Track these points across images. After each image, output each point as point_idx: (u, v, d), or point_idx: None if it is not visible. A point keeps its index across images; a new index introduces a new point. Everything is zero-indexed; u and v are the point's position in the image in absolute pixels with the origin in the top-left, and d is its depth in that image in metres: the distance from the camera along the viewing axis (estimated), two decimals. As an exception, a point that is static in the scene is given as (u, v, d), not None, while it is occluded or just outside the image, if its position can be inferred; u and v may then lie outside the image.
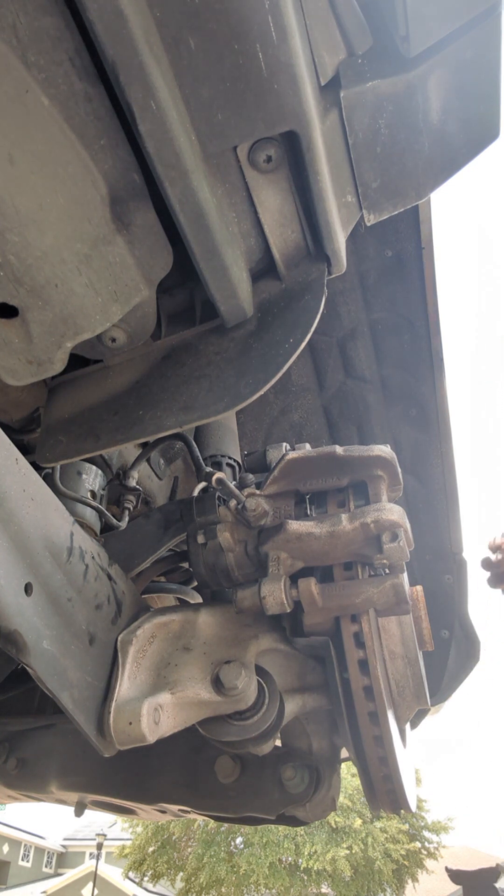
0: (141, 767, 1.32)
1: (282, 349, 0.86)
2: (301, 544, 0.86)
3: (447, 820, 15.12)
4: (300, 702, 1.03)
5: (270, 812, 1.16)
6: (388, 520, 0.83)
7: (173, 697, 0.88)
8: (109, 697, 0.85)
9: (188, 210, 0.77)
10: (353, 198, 0.86)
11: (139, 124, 0.68)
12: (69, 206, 0.74)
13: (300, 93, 0.71)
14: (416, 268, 1.47)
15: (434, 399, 1.69)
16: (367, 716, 0.87)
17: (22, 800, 1.62)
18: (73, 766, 1.39)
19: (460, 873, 1.34)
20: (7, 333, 0.83)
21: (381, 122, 0.80)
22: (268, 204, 0.85)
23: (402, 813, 0.96)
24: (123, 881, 18.97)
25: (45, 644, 0.76)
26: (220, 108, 0.71)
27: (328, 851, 13.18)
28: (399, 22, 0.75)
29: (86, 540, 0.93)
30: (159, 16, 0.64)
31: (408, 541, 0.84)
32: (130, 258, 0.82)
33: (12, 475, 0.77)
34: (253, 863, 13.36)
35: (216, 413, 0.87)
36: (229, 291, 0.88)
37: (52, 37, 0.65)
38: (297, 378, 1.82)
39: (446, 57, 0.79)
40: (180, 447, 1.70)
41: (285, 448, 1.04)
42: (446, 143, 0.86)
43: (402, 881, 14.12)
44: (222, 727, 0.92)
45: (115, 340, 0.96)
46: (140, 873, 15.16)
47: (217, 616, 1.00)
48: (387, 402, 1.81)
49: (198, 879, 13.80)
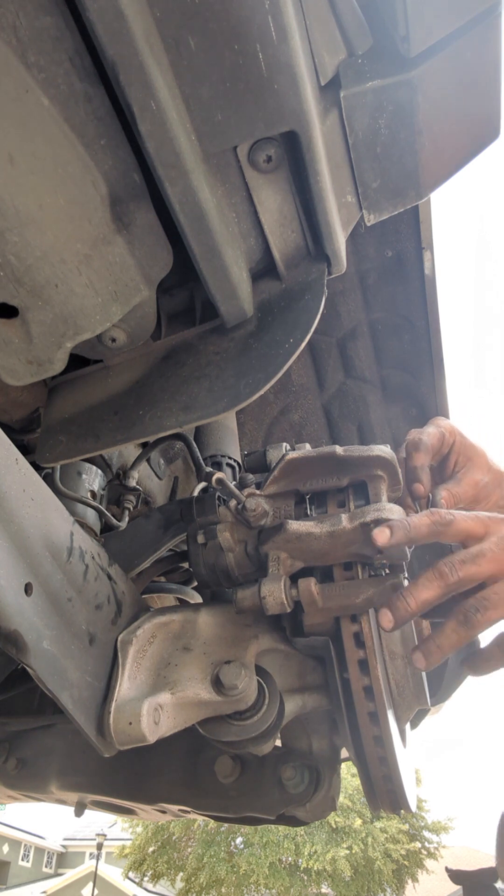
0: (141, 767, 1.32)
1: (282, 349, 0.86)
2: (301, 544, 0.86)
3: (447, 820, 15.12)
4: (300, 702, 1.03)
5: (270, 812, 1.16)
6: (388, 520, 0.83)
7: (173, 697, 0.88)
8: (109, 697, 0.85)
9: (188, 210, 0.77)
10: (353, 198, 0.87)
11: (139, 124, 0.68)
12: (69, 207, 0.74)
13: (300, 93, 0.71)
14: (417, 268, 1.47)
15: (434, 399, 1.69)
16: (367, 716, 0.87)
17: (22, 800, 1.62)
18: (73, 766, 1.39)
19: (460, 873, 1.33)
20: (7, 333, 0.83)
21: (381, 122, 0.80)
22: (268, 204, 0.85)
23: (402, 813, 0.96)
24: (123, 881, 18.98)
25: (45, 644, 0.76)
26: (220, 108, 0.71)
27: (328, 851, 13.18)
28: (399, 22, 0.75)
29: (86, 540, 0.93)
30: (159, 16, 0.64)
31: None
32: (130, 258, 0.82)
33: (12, 475, 0.77)
34: (253, 863, 13.37)
35: (216, 413, 0.87)
36: (229, 291, 0.88)
37: (52, 37, 0.65)
38: (297, 378, 1.83)
39: (446, 57, 0.79)
40: (180, 447, 1.71)
41: (285, 448, 1.04)
42: (446, 142, 0.86)
43: (402, 881, 14.13)
44: (222, 727, 0.92)
45: (115, 340, 0.96)
46: (140, 873, 15.17)
47: (217, 616, 1.00)
48: (387, 402, 1.81)
49: (198, 879, 13.80)
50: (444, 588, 0.77)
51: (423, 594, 0.77)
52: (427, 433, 1.01)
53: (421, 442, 0.99)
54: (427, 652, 0.79)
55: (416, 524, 0.80)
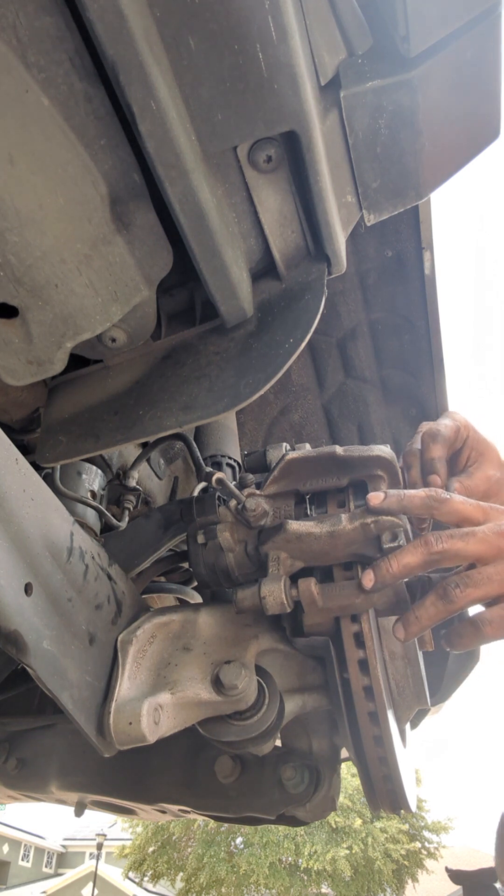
0: (141, 767, 1.32)
1: (282, 349, 0.86)
2: (301, 544, 0.86)
3: (447, 820, 15.12)
4: (300, 702, 1.03)
5: (270, 812, 1.16)
6: (388, 520, 0.83)
7: (173, 697, 0.88)
8: (109, 697, 0.85)
9: (188, 210, 0.77)
10: (353, 198, 0.86)
11: (139, 124, 0.68)
12: (69, 207, 0.74)
13: (300, 93, 0.71)
14: (417, 268, 1.47)
15: (434, 399, 1.69)
16: (367, 716, 0.87)
17: (22, 800, 1.62)
18: (73, 766, 1.39)
19: (460, 873, 1.32)
20: (7, 333, 0.83)
21: (381, 122, 0.80)
22: (268, 204, 0.85)
23: (402, 813, 0.96)
24: (123, 881, 18.98)
25: (45, 644, 0.76)
26: (219, 108, 0.71)
27: (328, 851, 13.18)
28: (399, 22, 0.75)
29: (86, 540, 0.93)
30: (159, 16, 0.64)
31: (408, 541, 0.84)
32: (130, 258, 0.82)
33: (12, 475, 0.77)
34: (253, 863, 13.37)
35: (216, 413, 0.87)
36: (229, 291, 0.88)
37: (52, 37, 0.65)
38: (297, 378, 1.83)
39: (446, 57, 0.79)
40: (180, 447, 1.70)
41: (285, 448, 1.04)
42: (446, 143, 0.86)
43: (402, 881, 14.13)
44: (222, 727, 0.92)
45: (115, 340, 0.96)
46: (140, 873, 15.16)
47: (217, 616, 1.00)
48: (387, 402, 1.81)
49: (198, 879, 13.80)
50: (427, 555, 0.78)
51: (406, 558, 0.78)
52: (444, 425, 1.01)
53: (439, 433, 1.00)
54: (406, 622, 0.80)
55: (409, 495, 0.81)
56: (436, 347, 1.59)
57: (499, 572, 0.76)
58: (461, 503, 0.81)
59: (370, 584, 0.79)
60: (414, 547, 0.79)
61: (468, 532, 0.78)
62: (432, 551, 0.78)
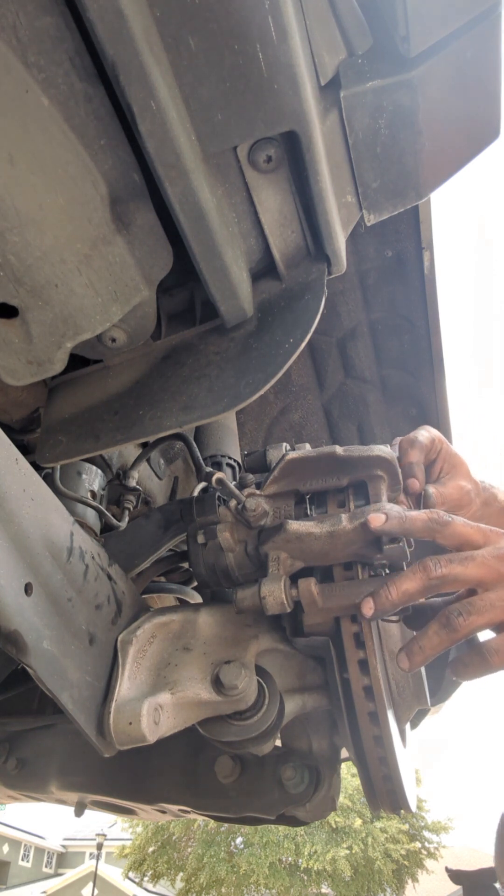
0: (141, 767, 1.32)
1: (282, 349, 0.86)
2: (301, 544, 0.86)
3: (447, 820, 15.13)
4: (300, 702, 1.03)
5: (270, 812, 1.16)
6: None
7: (173, 697, 0.88)
8: (109, 697, 0.85)
9: (188, 210, 0.77)
10: (353, 198, 0.86)
11: (139, 124, 0.68)
12: (69, 207, 0.74)
13: (300, 93, 0.71)
14: (417, 268, 1.47)
15: (434, 399, 1.69)
16: (367, 716, 0.87)
17: (22, 800, 1.62)
18: (73, 766, 1.39)
19: (460, 873, 1.32)
20: (7, 333, 0.83)
21: (381, 122, 0.80)
22: (268, 204, 0.85)
23: (402, 813, 0.96)
24: (123, 881, 18.98)
25: (45, 644, 0.76)
26: (220, 108, 0.71)
27: (328, 851, 13.19)
28: (399, 22, 0.75)
29: (86, 540, 0.93)
30: (159, 16, 0.64)
31: (408, 541, 0.84)
32: (130, 258, 0.82)
33: (12, 475, 0.77)
34: (253, 863, 13.37)
35: (216, 413, 0.87)
36: (229, 291, 0.88)
37: (52, 37, 0.65)
38: (297, 378, 1.83)
39: (446, 57, 0.79)
40: (180, 447, 1.70)
41: (285, 448, 1.04)
42: (446, 143, 0.86)
43: (402, 881, 14.13)
44: (222, 727, 0.92)
45: (115, 340, 0.96)
46: (140, 873, 15.17)
47: (217, 616, 1.00)
48: (387, 402, 1.81)
49: (198, 879, 13.81)
50: (426, 581, 0.77)
51: (405, 584, 0.77)
52: (421, 434, 1.04)
53: (416, 440, 1.01)
54: (410, 652, 0.79)
55: (412, 517, 0.80)
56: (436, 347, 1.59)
57: (500, 598, 0.76)
58: (463, 526, 0.80)
59: (370, 613, 0.78)
60: (413, 572, 0.78)
61: (467, 556, 0.78)
62: (431, 577, 0.77)
